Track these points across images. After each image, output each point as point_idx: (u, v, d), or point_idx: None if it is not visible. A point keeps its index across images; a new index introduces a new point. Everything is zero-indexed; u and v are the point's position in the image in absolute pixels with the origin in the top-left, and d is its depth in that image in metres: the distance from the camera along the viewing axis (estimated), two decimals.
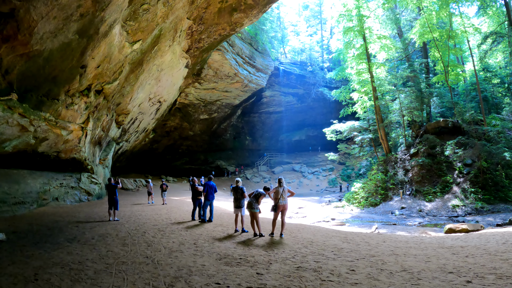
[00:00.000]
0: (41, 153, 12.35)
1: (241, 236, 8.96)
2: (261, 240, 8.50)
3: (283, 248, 7.54)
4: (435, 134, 23.36)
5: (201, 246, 7.60)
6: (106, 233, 8.97)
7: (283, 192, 8.99)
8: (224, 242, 8.10)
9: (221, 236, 8.90)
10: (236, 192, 9.76)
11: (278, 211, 8.99)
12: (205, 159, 46.85)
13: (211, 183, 11.70)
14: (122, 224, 10.45)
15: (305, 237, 9.29)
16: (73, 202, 14.37)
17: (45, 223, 10.26)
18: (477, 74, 30.23)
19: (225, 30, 22.60)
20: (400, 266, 6.02)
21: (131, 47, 13.54)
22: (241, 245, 7.83)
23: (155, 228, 9.90)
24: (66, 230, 9.28)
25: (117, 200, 11.56)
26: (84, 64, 10.54)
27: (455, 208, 17.80)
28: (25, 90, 9.21)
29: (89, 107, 13.41)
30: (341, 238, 9.46)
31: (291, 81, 46.64)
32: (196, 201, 12.07)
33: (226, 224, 11.15)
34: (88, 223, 10.46)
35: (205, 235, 8.98)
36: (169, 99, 28.30)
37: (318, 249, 7.65)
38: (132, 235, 8.73)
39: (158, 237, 8.62)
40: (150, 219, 11.74)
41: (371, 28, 26.18)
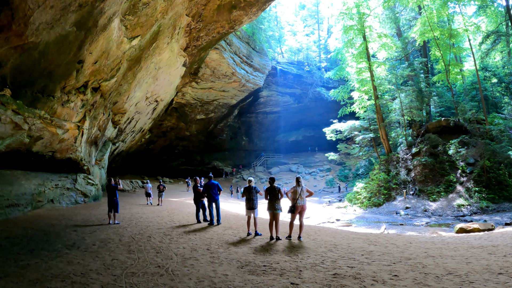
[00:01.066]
0: (35, 152, 11.81)
1: (256, 240, 8.40)
2: (279, 244, 7.93)
3: (307, 253, 7.02)
4: (437, 133, 23.25)
5: (216, 252, 7.02)
6: (108, 238, 8.40)
7: (302, 192, 8.48)
8: (240, 247, 7.55)
9: (234, 240, 8.35)
10: (249, 192, 9.10)
11: (296, 212, 8.47)
12: (202, 159, 46.34)
13: (213, 182, 11.09)
14: (124, 228, 9.90)
15: (326, 240, 8.79)
16: (69, 204, 13.79)
17: (40, 227, 9.66)
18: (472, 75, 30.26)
19: (223, 28, 22.19)
20: (444, 269, 5.60)
21: (129, 43, 13.07)
22: (260, 250, 7.27)
23: (160, 232, 9.35)
24: (64, 235, 8.68)
25: (117, 202, 10.98)
26: (81, 59, 10.06)
27: (461, 207, 17.63)
28: (19, 86, 8.71)
29: (85, 105, 12.91)
30: (364, 240, 8.99)
31: (288, 81, 46.33)
32: (199, 203, 11.55)
33: (235, 227, 10.58)
34: (87, 227, 9.89)
35: (217, 239, 8.44)
36: (166, 98, 27.79)
37: (346, 252, 7.15)
38: (137, 240, 8.18)
39: (165, 242, 8.06)
40: (153, 222, 11.20)
41: (372, 27, 25.95)
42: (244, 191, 9.20)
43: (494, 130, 20.60)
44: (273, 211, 8.44)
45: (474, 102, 25.33)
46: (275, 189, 8.61)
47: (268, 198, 8.59)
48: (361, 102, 30.50)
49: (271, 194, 8.58)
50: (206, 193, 10.99)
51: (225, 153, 49.38)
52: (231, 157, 50.33)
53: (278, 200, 8.50)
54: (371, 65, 25.36)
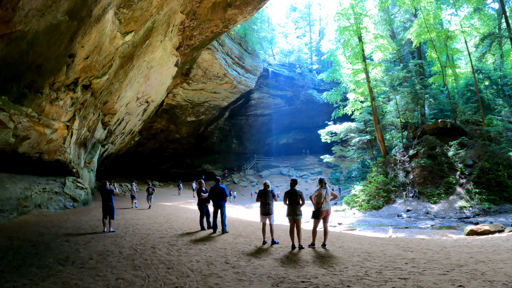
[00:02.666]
0: (21, 154, 10.98)
1: (275, 250, 7.65)
2: (305, 253, 7.21)
3: (342, 263, 6.33)
4: (433, 135, 23.22)
5: (238, 266, 6.15)
6: (106, 250, 7.51)
7: (326, 195, 7.81)
8: (263, 259, 6.75)
9: (251, 250, 7.61)
10: (266, 196, 8.31)
11: (320, 217, 7.79)
12: (192, 162, 45.47)
13: (220, 187, 10.19)
14: (121, 237, 9.00)
15: (353, 247, 8.14)
16: (58, 209, 12.92)
17: (28, 236, 8.72)
18: (470, 76, 30.50)
19: (217, 27, 21.67)
20: (505, 275, 5.12)
21: (123, 38, 12.39)
22: (286, 262, 6.48)
23: (164, 242, 8.52)
24: (55, 246, 7.78)
25: (113, 207, 10.08)
26: (72, 53, 9.34)
27: (463, 209, 17.46)
28: (4, 80, 7.97)
29: (75, 103, 12.14)
30: (395, 246, 8.40)
31: (279, 83, 46.00)
32: (204, 208, 10.69)
33: (245, 234, 9.79)
34: (80, 236, 9.00)
35: (231, 250, 7.66)
36: (157, 99, 27.02)
37: (386, 261, 6.49)
38: (140, 252, 7.30)
39: (174, 254, 7.23)
40: (152, 229, 10.37)
41: (368, 28, 25.84)
42: (259, 195, 8.46)
43: (492, 132, 20.61)
44: (294, 217, 7.77)
45: (468, 104, 25.40)
46: (296, 193, 7.88)
47: (288, 203, 7.88)
48: (354, 104, 30.36)
49: (291, 199, 7.86)
50: (211, 198, 10.14)
51: (215, 156, 48.60)
52: (221, 160, 49.58)
53: (299, 204, 7.82)
54: (367, 66, 25.19)
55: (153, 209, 16.31)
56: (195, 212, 15.31)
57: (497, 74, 30.40)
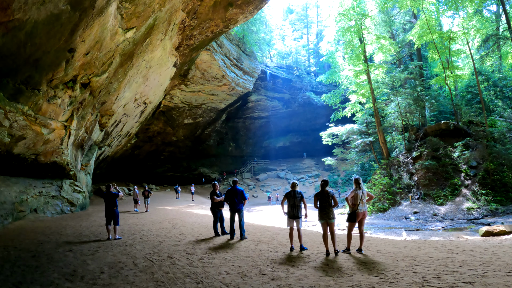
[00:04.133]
0: (16, 155, 10.35)
1: (307, 256, 7.03)
2: (343, 260, 6.64)
3: (391, 269, 5.81)
4: (436, 136, 23.06)
5: (278, 278, 5.46)
6: (118, 261, 6.68)
7: (363, 196, 7.27)
8: (300, 267, 6.09)
9: (281, 258, 6.91)
10: (294, 198, 7.69)
11: (357, 220, 7.27)
12: (188, 166, 44.81)
13: (237, 189, 9.45)
14: (131, 245, 8.25)
15: (392, 251, 7.60)
16: (55, 214, 12.24)
17: (26, 245, 7.93)
18: (471, 77, 30.48)
19: (218, 26, 21.24)
20: None
21: (124, 34, 11.86)
22: (328, 270, 5.89)
23: (180, 250, 7.76)
24: (58, 257, 6.94)
25: (117, 213, 9.37)
26: (72, 47, 8.80)
27: (470, 210, 17.23)
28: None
29: (73, 102, 11.55)
30: (434, 248, 7.95)
31: (277, 85, 45.62)
32: (218, 212, 9.98)
33: (267, 240, 9.06)
34: (84, 245, 8.24)
35: (259, 258, 6.95)
36: (155, 101, 26.42)
37: (436, 265, 6.02)
38: (158, 264, 6.46)
39: (197, 265, 6.42)
40: (161, 236, 9.62)
41: (370, 28, 25.64)
42: (286, 197, 7.86)
43: (496, 133, 20.48)
44: (327, 221, 7.21)
45: (473, 106, 25.26)
46: (328, 194, 7.32)
47: (319, 206, 7.32)
48: (353, 106, 30.10)
49: (323, 201, 7.28)
50: (228, 201, 9.42)
51: (211, 159, 48.02)
52: (218, 163, 49.00)
53: (331, 207, 7.25)
54: (369, 67, 24.93)
55: (154, 213, 15.65)
56: (200, 216, 14.73)
57: (496, 76, 30.42)
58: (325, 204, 7.25)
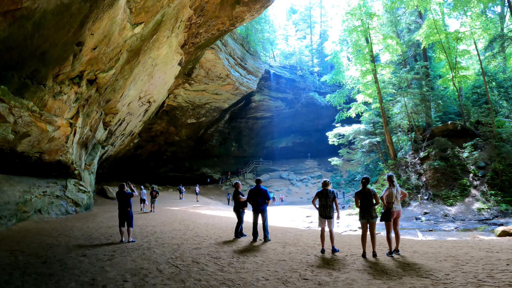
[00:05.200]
0: (20, 153, 9.96)
1: (344, 259, 6.65)
2: (384, 262, 6.29)
3: (438, 270, 5.50)
4: (443, 137, 22.90)
5: (324, 283, 5.08)
6: (139, 267, 6.14)
7: (397, 194, 6.96)
8: (343, 271, 5.73)
9: (317, 261, 6.48)
10: (326, 197, 7.33)
11: (392, 219, 6.92)
12: (190, 166, 44.43)
13: (261, 188, 8.99)
14: (149, 249, 7.71)
15: (429, 251, 7.25)
16: (59, 214, 11.83)
17: (34, 249, 7.30)
18: (476, 78, 30.16)
19: (224, 24, 20.92)
20: None
21: (132, 29, 11.50)
22: (375, 273, 5.56)
23: (203, 254, 7.29)
24: (72, 263, 6.33)
25: (131, 214, 8.81)
26: (80, 41, 8.42)
27: (481, 211, 17.13)
28: (4, 67, 7.03)
29: (79, 99, 11.17)
30: (470, 247, 7.72)
31: (280, 85, 45.27)
32: (242, 213, 9.58)
33: (292, 242, 8.61)
34: (98, 248, 7.67)
35: (293, 262, 6.50)
36: (159, 99, 26.05)
37: (483, 264, 5.78)
38: (186, 270, 5.92)
39: (229, 270, 5.96)
40: (176, 238, 9.15)
41: (377, 28, 25.31)
42: (318, 196, 7.48)
43: (504, 133, 20.31)
44: (369, 220, 6.89)
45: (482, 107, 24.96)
46: (370, 193, 6.99)
47: (360, 204, 7.01)
48: (357, 106, 29.82)
49: (364, 199, 6.97)
50: (250, 201, 9.00)
51: (214, 160, 47.64)
52: (220, 163, 48.63)
53: (373, 206, 6.94)
54: (376, 67, 24.59)
55: (161, 214, 15.22)
56: (211, 217, 14.32)
57: (501, 76, 30.19)
58: (367, 203, 6.96)
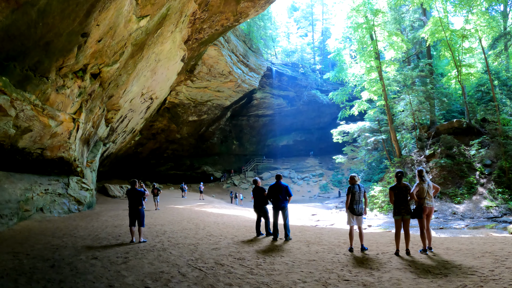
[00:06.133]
0: (21, 149, 9.59)
1: (376, 257, 6.34)
2: (421, 259, 6.02)
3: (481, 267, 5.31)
4: (449, 135, 22.71)
5: (369, 284, 4.80)
6: (159, 270, 5.60)
7: (429, 189, 6.62)
8: (383, 270, 5.41)
9: (349, 261, 6.17)
10: (359, 193, 7.05)
11: (423, 215, 6.59)
12: (191, 164, 44.08)
13: (282, 184, 8.54)
14: (164, 250, 7.19)
15: (459, 248, 7.01)
16: (62, 213, 11.45)
17: (39, 251, 6.71)
18: (480, 76, 29.90)
19: (228, 20, 20.58)
20: None
21: (137, 22, 11.13)
22: (417, 271, 5.29)
23: (225, 254, 6.82)
24: (83, 267, 5.76)
25: (143, 212, 8.32)
26: (86, 32, 8.06)
27: (489, 209, 17.10)
28: (6, 57, 6.66)
29: (82, 93, 10.81)
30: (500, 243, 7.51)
31: (282, 83, 44.90)
32: (266, 211, 9.14)
33: (315, 241, 8.18)
34: (108, 250, 7.12)
35: (323, 261, 6.13)
36: (161, 96, 25.67)
37: None
38: (211, 273, 5.45)
39: (259, 272, 5.51)
40: (189, 238, 8.72)
41: (383, 24, 24.99)
42: (351, 193, 7.11)
43: (511, 131, 20.26)
44: (404, 216, 6.60)
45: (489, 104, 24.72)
46: (405, 188, 6.67)
47: (395, 200, 6.70)
48: (360, 104, 29.54)
49: (400, 195, 6.65)
50: (271, 198, 8.58)
51: (215, 158, 47.31)
52: (221, 161, 48.31)
53: (408, 202, 6.64)
54: (381, 64, 24.28)
55: (167, 212, 14.82)
56: (219, 216, 13.95)
57: (504, 75, 30.03)
58: (402, 198, 6.64)
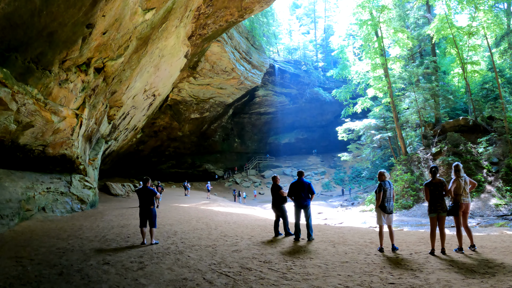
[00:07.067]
0: (22, 146, 9.21)
1: (411, 257, 6.02)
2: (459, 259, 5.73)
3: None
4: (455, 132, 22.50)
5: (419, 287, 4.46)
6: (180, 277, 5.06)
7: (466, 185, 6.32)
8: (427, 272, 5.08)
9: (384, 262, 5.85)
10: (390, 190, 6.73)
11: (460, 212, 6.29)
12: (193, 162, 43.71)
13: (304, 181, 8.12)
14: (181, 253, 6.65)
15: (494, 246, 6.76)
16: (64, 212, 11.06)
17: (44, 255, 6.15)
18: (485, 74, 29.59)
19: (233, 16, 20.22)
20: None
21: (143, 15, 10.74)
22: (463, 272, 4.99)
23: (248, 257, 6.33)
24: (96, 274, 5.16)
25: (154, 212, 7.83)
26: (91, 23, 7.68)
27: (498, 207, 17.13)
28: (7, 48, 6.27)
29: (86, 88, 10.43)
30: None
31: (285, 80, 44.53)
32: (284, 209, 8.71)
33: (339, 241, 7.80)
34: (120, 253, 6.57)
35: (357, 263, 5.77)
36: (163, 93, 25.30)
37: None
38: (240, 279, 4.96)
39: (295, 277, 5.02)
40: (203, 238, 8.25)
41: (389, 21, 24.64)
42: (383, 190, 6.75)
43: None
44: (440, 213, 6.28)
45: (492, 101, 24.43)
46: (441, 184, 6.33)
47: (431, 197, 6.36)
48: (363, 102, 29.28)
49: (435, 191, 6.31)
50: (292, 196, 8.15)
51: (216, 156, 46.95)
52: (223, 159, 47.96)
53: (444, 198, 6.31)
54: (386, 61, 23.94)
55: (172, 211, 14.40)
56: (228, 215, 13.62)
57: (509, 73, 29.74)
58: (438, 195, 6.31)
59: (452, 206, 6.38)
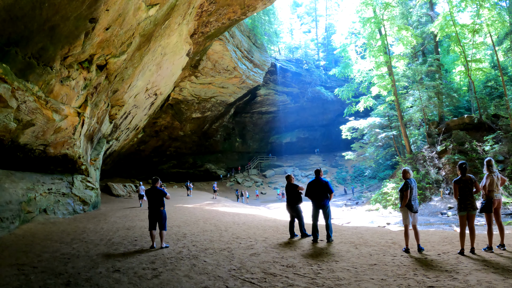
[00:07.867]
0: (23, 145, 8.91)
1: (441, 258, 5.76)
2: (491, 258, 5.47)
3: None
4: (460, 130, 22.31)
5: None
6: (200, 285, 4.69)
7: (498, 181, 6.04)
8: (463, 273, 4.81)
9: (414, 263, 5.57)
10: (415, 188, 6.48)
11: (492, 209, 6.00)
12: (194, 162, 43.43)
13: (321, 180, 7.81)
14: (195, 258, 6.27)
15: None
16: (66, 214, 10.74)
17: (47, 261, 5.75)
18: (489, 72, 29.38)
19: (235, 13, 19.96)
20: None
21: (147, 11, 10.44)
22: (500, 273, 4.70)
23: (268, 261, 5.97)
24: (106, 283, 4.75)
25: (164, 214, 7.35)
26: (94, 17, 7.39)
27: (506, 205, 16.94)
28: (7, 42, 5.98)
29: (88, 86, 10.14)
30: None
31: (286, 79, 44.26)
32: (298, 210, 8.42)
33: (360, 242, 7.51)
34: (129, 258, 6.19)
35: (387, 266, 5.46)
36: (165, 92, 25.02)
37: None
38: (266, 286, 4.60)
39: (323, 283, 4.70)
40: (215, 241, 7.90)
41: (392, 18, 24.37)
42: (405, 187, 6.47)
43: None
44: (470, 212, 5.99)
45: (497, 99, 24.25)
46: (471, 181, 6.04)
47: (460, 195, 6.09)
48: (366, 100, 29.03)
49: (465, 188, 6.03)
50: (310, 196, 7.85)
51: (217, 155, 46.68)
52: (224, 159, 47.68)
53: (474, 196, 6.04)
54: (390, 59, 23.66)
55: (177, 212, 13.97)
56: (235, 215, 13.32)
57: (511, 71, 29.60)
58: (468, 192, 6.02)
59: (485, 203, 6.09)
